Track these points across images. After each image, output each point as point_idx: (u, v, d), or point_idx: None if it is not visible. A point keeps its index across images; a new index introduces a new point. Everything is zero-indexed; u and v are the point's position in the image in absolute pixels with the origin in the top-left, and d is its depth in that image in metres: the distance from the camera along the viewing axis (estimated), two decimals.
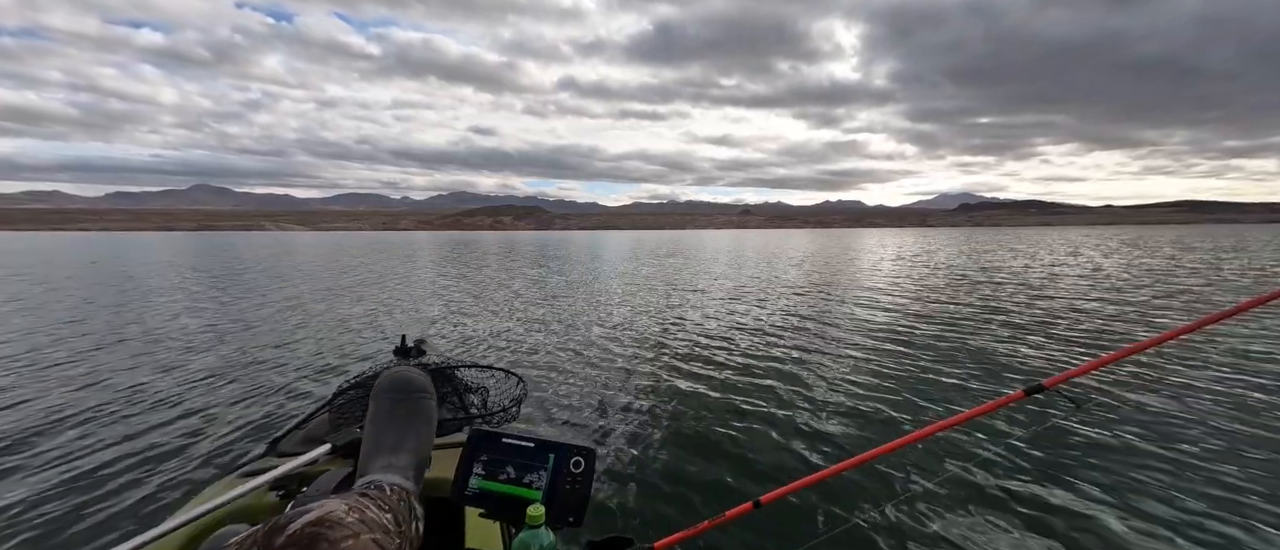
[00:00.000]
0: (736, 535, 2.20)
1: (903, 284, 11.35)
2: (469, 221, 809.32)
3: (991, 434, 3.20)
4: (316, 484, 1.15)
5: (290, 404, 4.03)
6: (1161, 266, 14.42)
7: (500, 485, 0.99)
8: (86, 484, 2.79)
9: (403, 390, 1.10)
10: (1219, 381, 4.12)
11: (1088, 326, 6.47)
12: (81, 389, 4.42)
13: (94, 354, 5.64)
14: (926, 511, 2.40)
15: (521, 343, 6.16)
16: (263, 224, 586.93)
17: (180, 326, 7.19)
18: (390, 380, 1.11)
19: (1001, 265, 15.71)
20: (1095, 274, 12.69)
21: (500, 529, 1.25)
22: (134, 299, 9.93)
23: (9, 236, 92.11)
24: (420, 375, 1.16)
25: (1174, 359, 4.65)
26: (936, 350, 5.44)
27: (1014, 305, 8.04)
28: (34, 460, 3.06)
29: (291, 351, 5.78)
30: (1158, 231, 68.52)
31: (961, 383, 4.36)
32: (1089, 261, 16.58)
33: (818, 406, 3.84)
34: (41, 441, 3.34)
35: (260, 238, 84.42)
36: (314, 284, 12.68)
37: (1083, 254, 20.94)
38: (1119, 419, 3.42)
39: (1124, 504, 2.47)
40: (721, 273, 14.69)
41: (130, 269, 17.16)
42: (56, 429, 3.54)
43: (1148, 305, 8.24)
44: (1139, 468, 2.80)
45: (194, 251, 29.91)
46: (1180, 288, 9.98)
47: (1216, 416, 3.45)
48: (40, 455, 3.13)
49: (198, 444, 3.29)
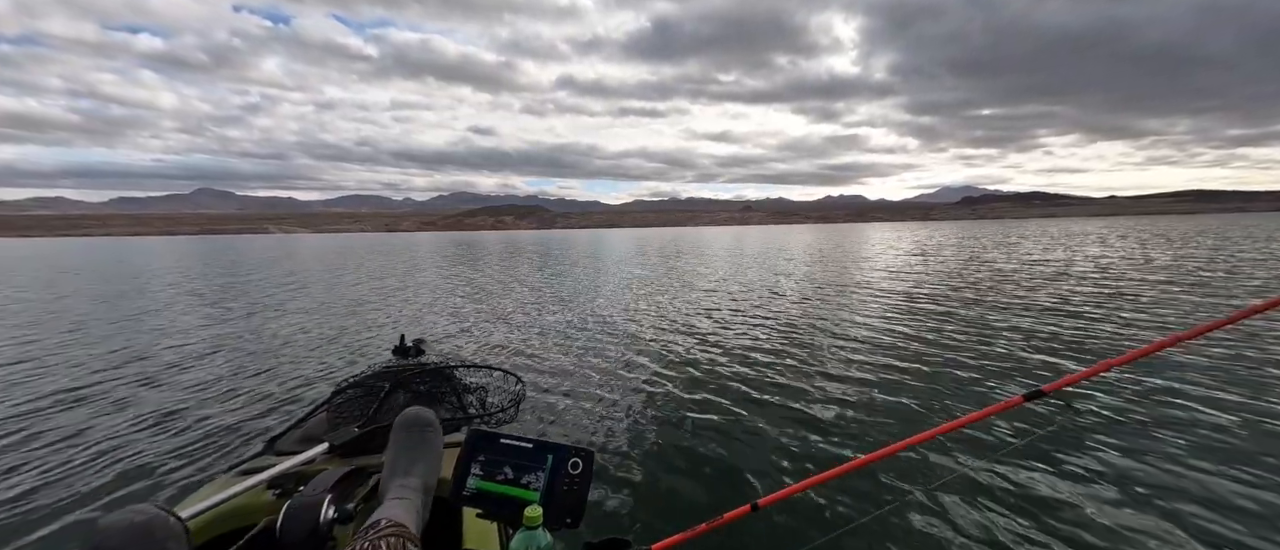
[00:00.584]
0: (734, 538, 2.18)
1: (903, 284, 11.31)
2: (470, 222, 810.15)
3: (990, 439, 3.17)
4: (313, 483, 1.15)
5: (288, 403, 4.04)
6: (1173, 261, 14.32)
7: (498, 486, 0.99)
8: (83, 482, 2.80)
9: (416, 425, 1.29)
10: (1220, 387, 4.08)
11: (1088, 331, 6.42)
12: (81, 387, 4.45)
13: (94, 353, 5.66)
14: (924, 516, 2.39)
15: (521, 343, 6.15)
16: (266, 227, 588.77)
17: (178, 327, 7.21)
18: (406, 419, 1.28)
19: (1012, 262, 15.59)
20: (1105, 271, 12.62)
21: (497, 530, 1.25)
22: (131, 302, 9.95)
23: (14, 243, 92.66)
24: (428, 412, 1.31)
25: (1173, 365, 4.59)
26: (935, 354, 5.40)
27: (1015, 307, 7.99)
28: (34, 460, 3.08)
29: (290, 351, 5.80)
30: (1167, 222, 67.51)
31: (960, 387, 4.32)
32: (1100, 257, 16.43)
33: (816, 410, 3.82)
34: (40, 440, 3.35)
35: (263, 241, 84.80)
36: (313, 285, 12.72)
37: (1091, 248, 20.64)
38: (1118, 424, 3.39)
39: (1123, 510, 2.45)
40: (722, 273, 14.66)
41: (123, 274, 17.24)
42: (57, 428, 3.55)
43: (1159, 302, 8.18)
44: (1138, 473, 2.78)
45: (194, 256, 30.02)
46: (1196, 281, 9.85)
47: (1216, 422, 3.42)
48: (40, 455, 3.14)
49: (195, 443, 3.29)
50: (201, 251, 37.58)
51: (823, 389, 4.30)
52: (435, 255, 26.93)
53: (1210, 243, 19.85)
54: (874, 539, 2.22)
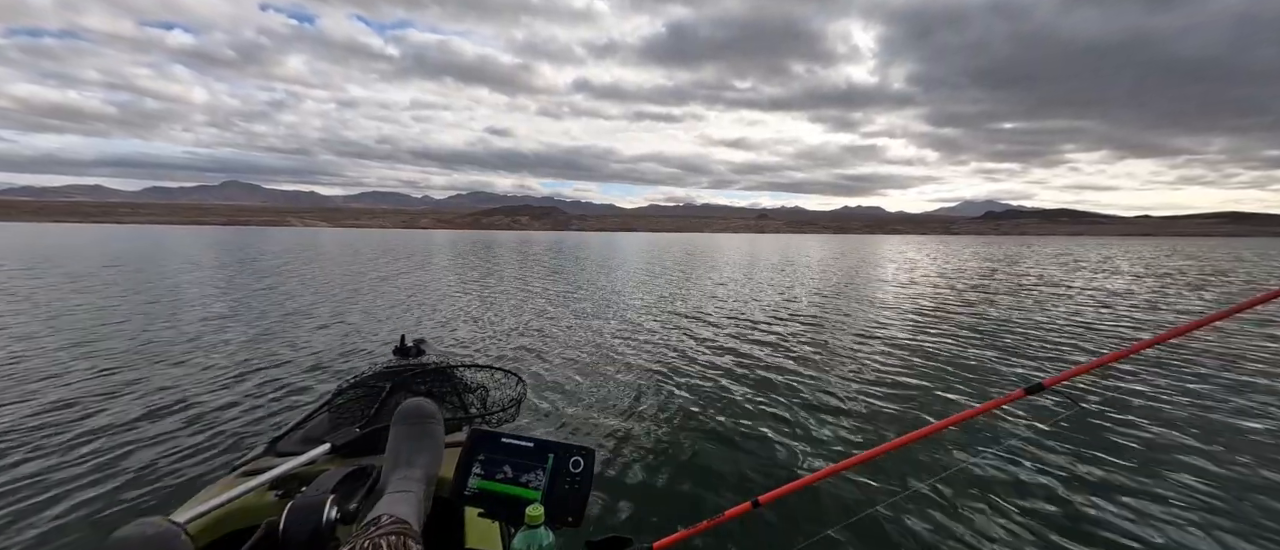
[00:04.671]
0: (736, 535, 2.20)
1: (904, 284, 11.13)
2: (487, 221, 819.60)
3: (991, 433, 3.18)
4: (315, 483, 1.15)
5: (290, 403, 4.02)
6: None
7: (499, 485, 1.00)
8: (84, 482, 2.77)
9: (417, 417, 1.26)
10: (1218, 379, 4.10)
11: (1088, 326, 6.32)
12: (82, 384, 4.44)
13: (94, 352, 5.66)
14: (925, 510, 2.39)
15: (522, 342, 6.19)
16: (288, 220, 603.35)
17: (181, 324, 7.28)
18: (407, 410, 1.26)
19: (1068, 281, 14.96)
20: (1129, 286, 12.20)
21: (499, 529, 1.26)
22: (138, 295, 10.12)
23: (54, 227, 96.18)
24: (430, 404, 1.29)
25: (1173, 358, 4.62)
26: (936, 350, 5.37)
27: (1016, 306, 7.85)
28: (33, 459, 3.04)
29: (292, 350, 5.84)
30: (1207, 245, 63.98)
31: (961, 382, 4.33)
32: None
33: (817, 406, 3.83)
34: (40, 440, 3.32)
35: (284, 233, 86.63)
36: (323, 282, 12.89)
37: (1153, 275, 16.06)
38: (1119, 418, 3.41)
39: (1123, 502, 2.45)
40: (727, 276, 14.59)
41: (146, 265, 17.75)
42: (56, 428, 3.51)
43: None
44: (1137, 466, 2.79)
45: (216, 247, 30.79)
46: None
47: (1215, 414, 3.44)
48: (39, 454, 3.11)
49: (196, 443, 3.29)
50: (224, 242, 38.54)
51: (824, 386, 4.30)
52: (448, 253, 27.24)
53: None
54: (875, 534, 2.24)
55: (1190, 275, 15.19)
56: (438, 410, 1.29)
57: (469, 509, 1.23)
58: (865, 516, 2.30)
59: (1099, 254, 31.29)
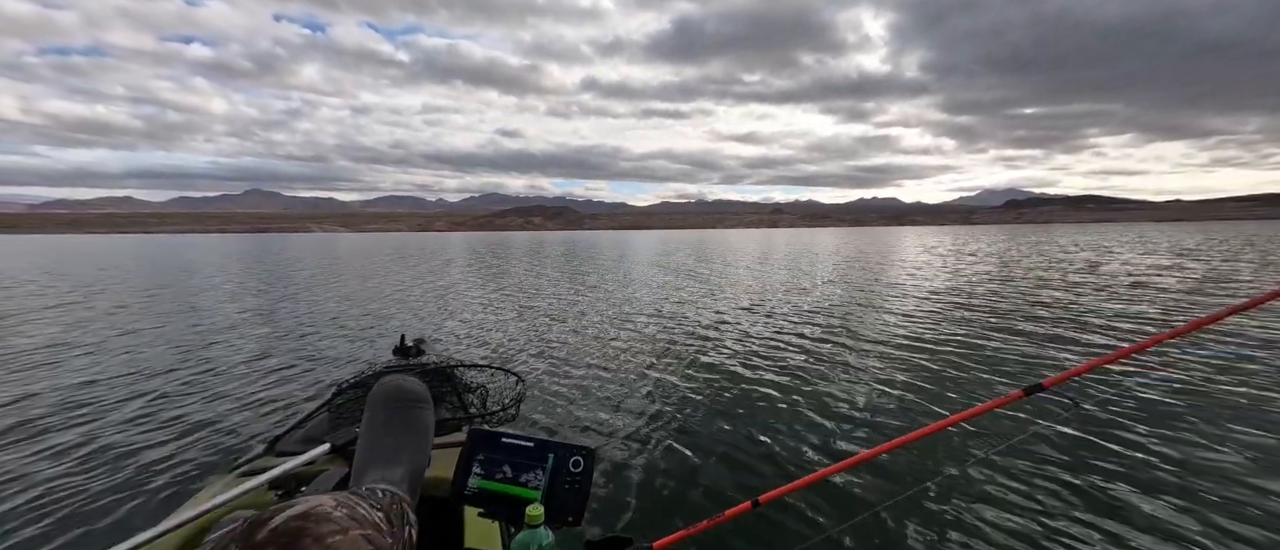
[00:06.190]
0: (736, 535, 2.19)
1: (905, 285, 10.95)
2: (501, 222, 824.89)
3: (990, 433, 3.14)
4: (315, 483, 1.16)
5: (289, 403, 4.02)
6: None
7: (499, 485, 0.99)
8: (85, 482, 2.77)
9: (399, 400, 1.04)
10: (1219, 380, 4.02)
11: (1090, 326, 6.16)
12: (83, 384, 4.46)
13: (94, 350, 5.74)
14: (924, 510, 2.36)
15: (522, 342, 6.16)
16: (308, 226, 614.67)
17: (183, 326, 7.29)
18: (385, 390, 1.06)
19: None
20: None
21: (499, 529, 1.26)
22: (140, 299, 10.19)
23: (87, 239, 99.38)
24: (417, 383, 1.10)
25: (1173, 359, 4.52)
26: (936, 350, 5.28)
27: (1016, 306, 7.68)
28: (32, 458, 3.05)
29: (292, 350, 5.79)
30: (1241, 229, 60.28)
31: (961, 382, 4.28)
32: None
33: (817, 406, 3.79)
34: (40, 439, 3.32)
35: (304, 239, 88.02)
36: (327, 285, 12.99)
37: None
38: (1118, 418, 3.35)
39: (1122, 502, 2.41)
40: (731, 275, 14.48)
41: (164, 270, 18.23)
42: (56, 427, 3.52)
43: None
44: (1137, 466, 2.74)
45: (237, 255, 31.41)
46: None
47: (1216, 414, 3.37)
48: (38, 453, 3.12)
49: (196, 443, 3.28)
50: (245, 250, 39.34)
51: (824, 386, 4.26)
52: (463, 255, 27.49)
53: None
54: (874, 534, 2.21)
55: (1215, 261, 14.62)
56: (426, 391, 1.10)
57: (468, 509, 1.23)
58: (865, 516, 2.27)
59: (1118, 240, 30.28)
